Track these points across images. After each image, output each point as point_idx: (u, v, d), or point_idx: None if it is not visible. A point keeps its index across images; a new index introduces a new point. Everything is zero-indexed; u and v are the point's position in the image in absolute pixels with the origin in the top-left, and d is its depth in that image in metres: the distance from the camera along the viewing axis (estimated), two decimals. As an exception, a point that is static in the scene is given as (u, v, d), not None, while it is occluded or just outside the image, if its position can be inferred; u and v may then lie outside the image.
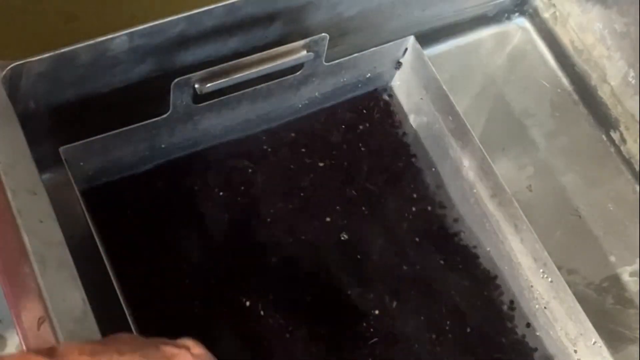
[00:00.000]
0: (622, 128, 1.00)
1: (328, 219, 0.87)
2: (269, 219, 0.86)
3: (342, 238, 0.87)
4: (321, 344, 0.81)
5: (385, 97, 0.95)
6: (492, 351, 0.84)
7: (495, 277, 0.87)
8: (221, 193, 0.86)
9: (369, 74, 0.91)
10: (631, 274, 0.93)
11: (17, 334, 0.61)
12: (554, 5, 1.04)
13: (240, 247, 0.84)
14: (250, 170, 0.88)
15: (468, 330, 0.84)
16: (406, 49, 0.90)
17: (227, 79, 0.77)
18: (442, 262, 0.87)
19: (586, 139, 1.01)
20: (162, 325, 0.78)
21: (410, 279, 0.86)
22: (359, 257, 0.86)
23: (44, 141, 0.78)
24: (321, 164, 0.90)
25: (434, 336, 0.83)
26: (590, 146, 1.01)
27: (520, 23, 1.06)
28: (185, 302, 0.80)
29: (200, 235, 0.84)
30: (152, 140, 0.83)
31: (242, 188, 0.87)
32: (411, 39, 0.89)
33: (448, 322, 0.84)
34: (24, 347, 0.60)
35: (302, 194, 0.88)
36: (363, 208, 0.88)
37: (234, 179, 0.87)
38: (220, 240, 0.84)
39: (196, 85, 0.77)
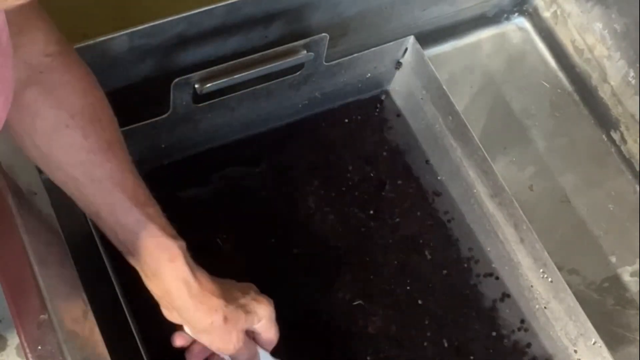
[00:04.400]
0: (622, 128, 1.00)
1: (331, 217, 0.87)
2: (269, 219, 0.86)
3: (339, 230, 0.87)
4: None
5: (385, 97, 0.95)
6: (489, 350, 0.84)
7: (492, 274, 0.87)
8: (221, 193, 0.86)
9: (369, 74, 0.91)
10: (631, 274, 0.93)
11: (17, 334, 0.61)
12: (554, 4, 1.04)
13: (240, 248, 0.84)
14: (250, 171, 0.88)
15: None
16: (406, 49, 0.90)
17: (227, 79, 0.78)
18: (443, 270, 0.88)
19: (586, 139, 1.01)
20: (163, 324, 0.78)
21: (401, 274, 0.86)
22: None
23: (44, 141, 0.78)
24: (322, 164, 0.90)
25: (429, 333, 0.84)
26: (590, 146, 1.01)
27: (520, 23, 1.06)
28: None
29: (200, 235, 0.84)
30: (152, 140, 0.83)
31: (243, 188, 0.87)
32: (411, 39, 0.89)
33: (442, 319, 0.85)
34: (24, 347, 0.60)
35: (302, 194, 0.88)
36: (362, 207, 0.89)
37: (234, 180, 0.87)
38: (220, 239, 0.84)
39: (196, 85, 0.77)
